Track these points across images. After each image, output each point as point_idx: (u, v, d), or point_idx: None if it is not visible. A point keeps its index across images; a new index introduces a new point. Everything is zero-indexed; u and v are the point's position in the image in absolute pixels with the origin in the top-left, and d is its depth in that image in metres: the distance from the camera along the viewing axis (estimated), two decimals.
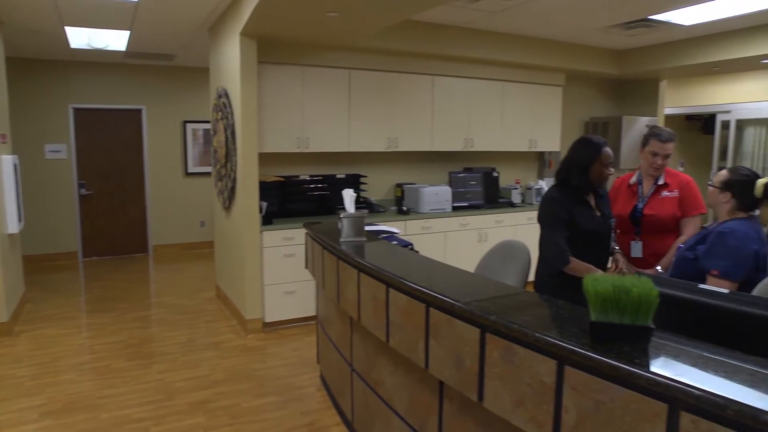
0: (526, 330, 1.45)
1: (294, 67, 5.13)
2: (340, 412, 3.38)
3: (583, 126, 7.52)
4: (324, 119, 5.32)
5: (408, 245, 3.19)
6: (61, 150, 7.60)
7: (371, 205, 5.70)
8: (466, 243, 5.89)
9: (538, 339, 1.41)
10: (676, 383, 1.11)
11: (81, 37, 6.02)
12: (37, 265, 7.34)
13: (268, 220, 4.98)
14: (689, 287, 1.61)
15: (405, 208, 5.74)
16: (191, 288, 6.46)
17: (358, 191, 5.66)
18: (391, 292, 2.16)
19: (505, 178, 6.84)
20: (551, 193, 2.81)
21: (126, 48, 6.56)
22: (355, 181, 5.71)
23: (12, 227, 5.09)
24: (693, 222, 3.08)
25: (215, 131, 5.69)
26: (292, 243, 4.96)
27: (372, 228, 3.50)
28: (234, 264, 5.26)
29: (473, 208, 6.11)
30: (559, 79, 6.75)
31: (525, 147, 6.62)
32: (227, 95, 5.11)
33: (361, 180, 5.77)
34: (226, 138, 5.16)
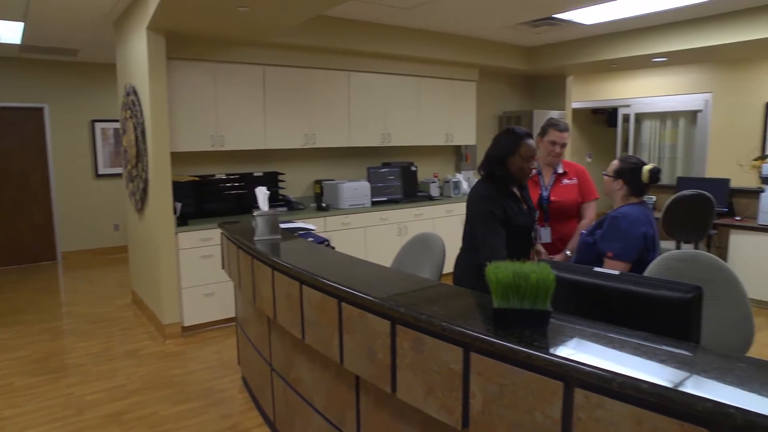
0: (433, 320, 1.48)
1: (206, 64, 4.99)
2: (262, 412, 3.33)
3: (497, 120, 7.79)
4: (239, 116, 5.20)
5: (324, 241, 3.19)
6: None
7: (290, 203, 5.65)
8: (386, 237, 5.95)
9: (444, 328, 1.45)
10: (569, 362, 1.17)
11: None
12: None
13: (183, 221, 4.82)
14: (585, 271, 1.70)
15: (324, 204, 5.72)
16: (105, 295, 6.14)
17: (276, 189, 5.59)
18: (305, 289, 2.15)
19: (423, 172, 6.96)
20: (482, 190, 2.70)
21: (21, 41, 6.12)
22: (273, 179, 5.62)
23: None
24: (591, 206, 3.38)
25: (125, 130, 5.43)
26: (209, 244, 4.83)
27: (287, 225, 3.47)
28: (149, 268, 5.06)
29: (392, 202, 6.18)
30: (473, 75, 6.94)
31: (442, 141, 6.77)
32: (136, 93, 4.89)
33: (280, 177, 5.69)
34: (136, 137, 4.93)
